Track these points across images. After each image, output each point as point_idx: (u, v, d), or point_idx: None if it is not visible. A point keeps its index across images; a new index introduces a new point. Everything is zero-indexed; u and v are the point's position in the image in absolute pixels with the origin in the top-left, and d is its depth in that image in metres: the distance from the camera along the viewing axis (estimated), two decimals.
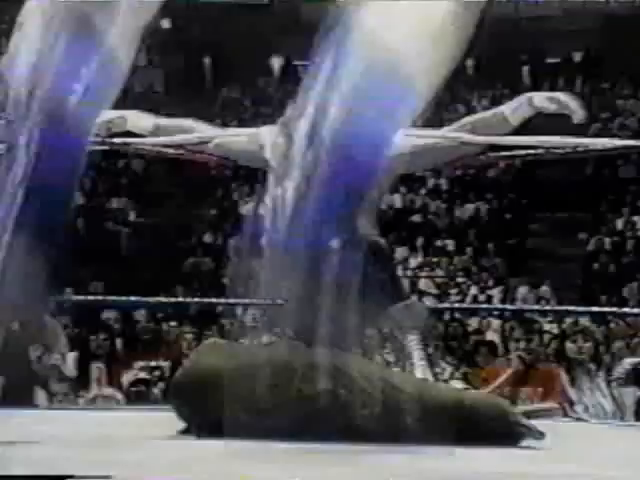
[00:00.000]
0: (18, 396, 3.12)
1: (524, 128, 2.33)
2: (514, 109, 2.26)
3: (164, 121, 2.40)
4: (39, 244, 1.92)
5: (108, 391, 4.34)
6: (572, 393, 4.02)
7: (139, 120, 2.38)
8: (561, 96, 2.25)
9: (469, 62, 15.50)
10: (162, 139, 2.44)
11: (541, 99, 2.23)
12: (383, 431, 1.96)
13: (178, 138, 2.42)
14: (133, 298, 4.11)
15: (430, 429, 1.94)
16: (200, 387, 2.08)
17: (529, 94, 2.28)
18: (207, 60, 15.68)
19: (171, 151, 2.51)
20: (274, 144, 2.27)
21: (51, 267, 3.07)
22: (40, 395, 3.91)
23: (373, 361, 2.14)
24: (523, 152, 2.51)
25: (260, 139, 2.31)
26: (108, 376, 4.69)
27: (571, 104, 2.25)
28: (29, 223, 1.91)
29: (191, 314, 7.30)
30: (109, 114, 2.32)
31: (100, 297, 4.25)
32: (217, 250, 12.97)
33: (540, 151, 2.47)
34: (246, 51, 14.56)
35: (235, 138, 2.38)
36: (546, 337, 5.42)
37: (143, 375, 4.65)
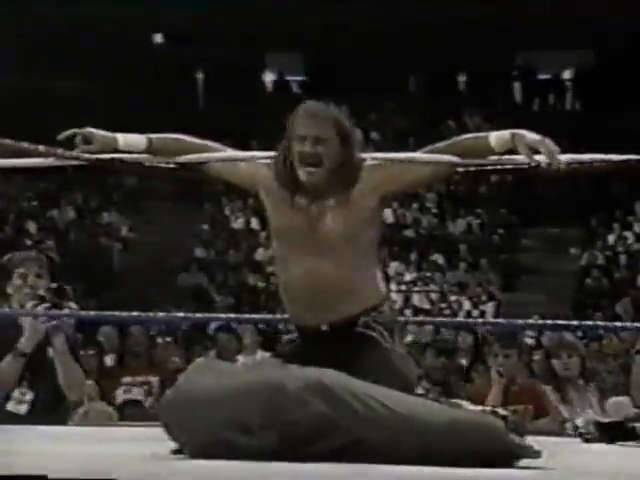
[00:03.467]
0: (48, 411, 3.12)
1: None
2: (500, 144, 2.22)
3: (156, 141, 2.36)
4: None
5: (99, 406, 4.31)
6: (563, 410, 4.00)
7: (130, 138, 2.35)
8: (546, 146, 2.15)
9: (461, 77, 15.59)
10: (156, 161, 2.38)
11: (523, 146, 2.16)
12: (375, 452, 1.94)
13: (175, 159, 2.36)
14: (126, 314, 4.09)
15: (423, 450, 1.92)
16: (191, 407, 2.05)
17: (515, 131, 2.21)
18: None
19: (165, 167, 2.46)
20: None
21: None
22: None
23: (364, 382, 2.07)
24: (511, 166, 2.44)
25: (256, 176, 2.30)
26: (99, 392, 4.67)
27: (552, 152, 2.15)
28: None
29: (183, 329, 7.26)
30: (102, 132, 2.32)
31: (92, 312, 4.21)
32: (209, 265, 12.97)
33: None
34: None
35: (234, 169, 2.34)
36: (530, 353, 5.42)
37: (136, 393, 4.62)
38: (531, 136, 2.18)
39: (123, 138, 2.34)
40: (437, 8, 13.04)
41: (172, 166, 2.41)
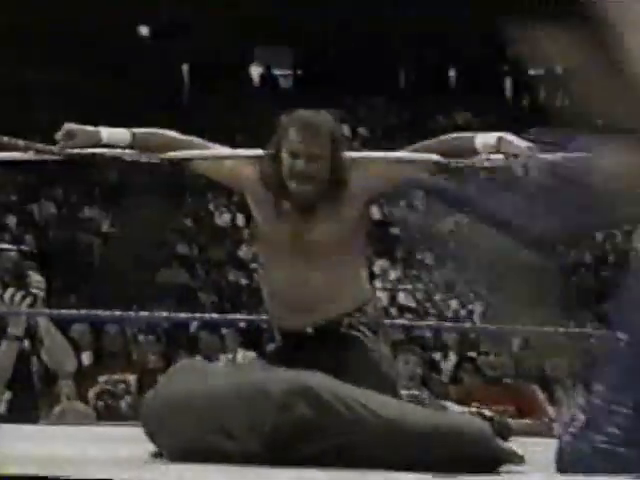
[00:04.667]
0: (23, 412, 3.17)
1: None
2: (486, 147, 2.23)
3: (140, 131, 2.33)
4: None
5: (77, 405, 4.22)
6: (551, 411, 3.97)
7: (114, 133, 2.32)
8: (525, 150, 2.16)
9: (451, 72, 15.53)
10: (141, 155, 2.34)
11: (508, 147, 2.18)
12: (360, 457, 1.89)
13: (159, 156, 2.32)
14: (102, 312, 4.03)
15: (407, 455, 1.88)
16: (172, 410, 2.00)
17: (501, 135, 2.22)
18: None
19: (145, 159, 2.40)
20: None
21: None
22: None
23: (349, 384, 2.02)
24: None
25: (241, 178, 2.26)
26: (76, 390, 4.57)
27: (528, 154, 2.16)
28: None
29: (163, 327, 7.13)
30: (85, 128, 2.29)
31: (68, 311, 4.14)
32: (192, 262, 12.83)
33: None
34: None
35: (219, 169, 2.30)
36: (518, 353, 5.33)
37: (108, 387, 4.56)
38: (517, 144, 2.17)
39: (107, 132, 2.31)
40: (426, 2, 12.95)
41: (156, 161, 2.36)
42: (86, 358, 5.26)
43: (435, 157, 2.23)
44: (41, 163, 2.62)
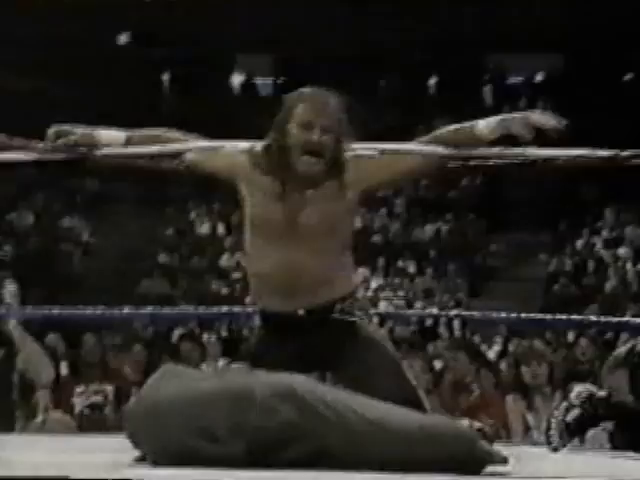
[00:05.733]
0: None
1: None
2: (490, 128, 2.18)
3: (136, 132, 2.33)
4: None
5: (57, 415, 4.19)
6: (530, 418, 3.97)
7: (109, 134, 2.32)
8: (533, 117, 2.16)
9: (431, 81, 15.55)
10: (135, 150, 2.33)
11: (518, 126, 2.15)
12: (344, 459, 1.89)
13: (152, 149, 2.33)
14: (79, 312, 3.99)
15: (392, 456, 1.88)
16: (156, 414, 1.99)
17: (506, 116, 2.19)
18: None
19: (142, 162, 2.39)
20: None
21: None
22: None
23: (334, 386, 2.05)
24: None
25: (234, 166, 2.25)
26: (53, 400, 4.53)
27: (544, 122, 2.16)
28: None
29: (143, 337, 7.08)
30: (76, 130, 2.29)
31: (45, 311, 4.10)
32: (173, 271, 12.75)
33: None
34: None
35: (210, 158, 2.29)
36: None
37: (94, 399, 4.52)
38: (519, 119, 2.15)
39: (102, 134, 2.32)
40: (409, 9, 12.97)
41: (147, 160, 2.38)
42: (63, 368, 5.23)
43: (440, 149, 2.19)
44: (20, 171, 2.59)
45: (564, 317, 5.74)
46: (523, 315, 4.70)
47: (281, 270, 2.16)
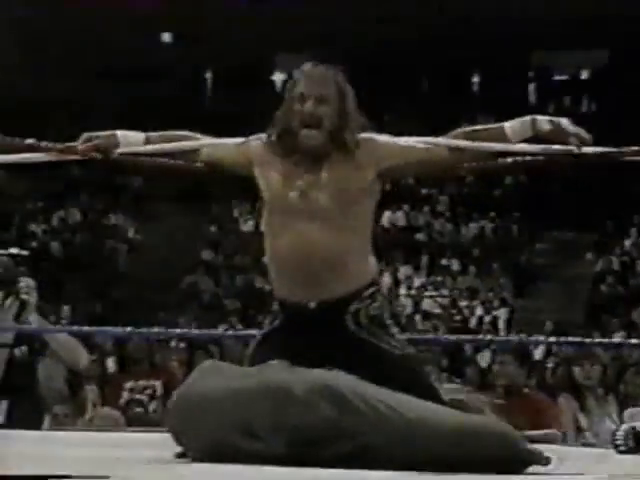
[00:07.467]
0: (25, 419, 3.13)
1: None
2: (516, 129, 2.20)
3: (154, 134, 2.36)
4: None
5: (105, 411, 4.23)
6: (582, 419, 3.90)
7: (130, 134, 2.36)
8: (563, 122, 2.18)
9: (474, 79, 15.43)
10: (151, 147, 2.37)
11: (543, 123, 2.18)
12: (384, 457, 1.87)
13: (168, 146, 2.36)
14: (129, 329, 4.14)
15: (432, 455, 1.85)
16: (196, 410, 1.99)
17: (532, 117, 2.21)
18: None
19: (165, 160, 2.41)
20: None
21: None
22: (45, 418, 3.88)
23: (370, 383, 1.99)
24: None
25: (249, 152, 2.28)
26: (102, 397, 4.57)
27: (571, 130, 2.17)
28: None
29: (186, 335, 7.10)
30: (96, 133, 2.32)
31: (93, 328, 4.18)
32: (217, 268, 12.82)
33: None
34: None
35: (225, 149, 2.33)
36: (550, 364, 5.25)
37: (138, 396, 4.55)
38: (546, 117, 2.18)
39: (121, 135, 2.35)
40: (450, 7, 12.89)
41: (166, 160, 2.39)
42: (111, 364, 5.26)
43: (459, 142, 2.21)
44: (66, 170, 2.62)
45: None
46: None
47: (294, 249, 2.14)
